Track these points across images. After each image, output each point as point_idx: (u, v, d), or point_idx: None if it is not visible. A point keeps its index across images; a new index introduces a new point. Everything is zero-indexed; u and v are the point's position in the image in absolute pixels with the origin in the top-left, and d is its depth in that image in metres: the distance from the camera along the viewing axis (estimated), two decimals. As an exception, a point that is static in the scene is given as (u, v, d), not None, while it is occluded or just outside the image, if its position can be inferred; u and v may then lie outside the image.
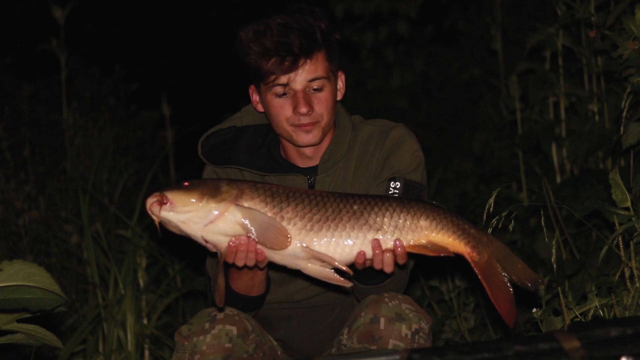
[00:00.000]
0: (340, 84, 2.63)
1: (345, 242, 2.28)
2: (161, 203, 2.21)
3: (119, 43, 8.23)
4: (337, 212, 2.28)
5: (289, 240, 2.25)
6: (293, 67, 2.46)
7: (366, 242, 2.29)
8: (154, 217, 2.23)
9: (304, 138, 2.54)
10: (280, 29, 2.46)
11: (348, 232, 2.28)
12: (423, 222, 2.30)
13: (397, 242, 2.29)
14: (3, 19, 7.45)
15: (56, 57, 5.19)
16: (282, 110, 2.51)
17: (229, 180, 2.31)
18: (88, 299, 4.13)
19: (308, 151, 2.61)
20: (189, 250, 4.44)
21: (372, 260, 2.31)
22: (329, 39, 2.53)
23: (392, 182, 2.57)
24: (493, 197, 2.90)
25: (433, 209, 2.32)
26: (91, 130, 5.30)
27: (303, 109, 2.48)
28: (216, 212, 2.22)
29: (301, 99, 2.48)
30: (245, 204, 2.24)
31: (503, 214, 2.90)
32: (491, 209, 2.91)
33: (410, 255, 2.35)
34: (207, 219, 2.22)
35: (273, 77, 2.48)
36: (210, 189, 2.24)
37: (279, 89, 2.50)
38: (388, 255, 2.29)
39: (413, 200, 2.34)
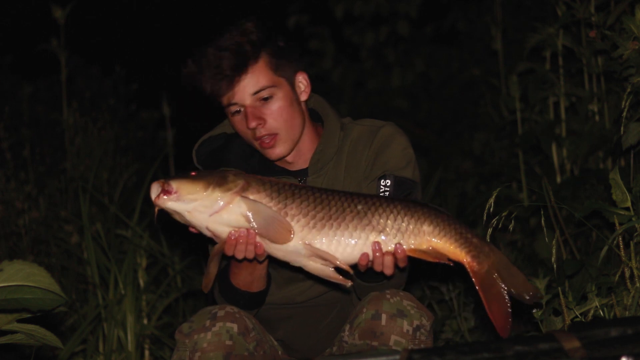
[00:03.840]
0: (302, 85, 2.62)
1: (347, 242, 2.28)
2: (165, 192, 2.21)
3: (119, 43, 8.23)
4: (341, 211, 2.28)
5: (292, 235, 2.26)
6: (230, 86, 2.51)
7: (368, 244, 2.29)
8: (156, 205, 2.23)
9: (271, 154, 2.57)
10: (212, 55, 2.50)
11: (350, 231, 2.28)
12: (426, 228, 2.29)
13: (398, 246, 2.29)
14: (3, 19, 7.45)
15: (56, 57, 5.18)
16: (242, 127, 2.55)
17: (236, 171, 2.32)
18: (88, 299, 4.12)
19: (288, 159, 2.63)
20: (189, 250, 4.44)
21: (372, 261, 2.31)
22: (267, 47, 2.53)
23: (383, 180, 2.57)
24: (493, 197, 2.90)
25: (437, 215, 2.31)
26: (91, 130, 5.28)
27: (251, 124, 2.51)
28: (222, 202, 2.23)
29: (248, 114, 2.52)
30: (251, 197, 2.25)
31: (503, 214, 2.90)
32: (491, 209, 2.90)
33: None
34: (212, 208, 2.23)
35: (220, 99, 2.54)
36: (217, 179, 2.25)
37: (232, 108, 2.55)
38: (388, 258, 2.29)
39: (418, 204, 2.33)
